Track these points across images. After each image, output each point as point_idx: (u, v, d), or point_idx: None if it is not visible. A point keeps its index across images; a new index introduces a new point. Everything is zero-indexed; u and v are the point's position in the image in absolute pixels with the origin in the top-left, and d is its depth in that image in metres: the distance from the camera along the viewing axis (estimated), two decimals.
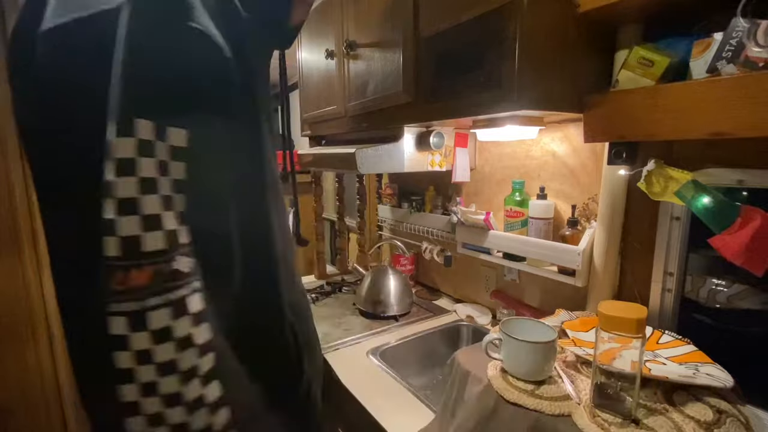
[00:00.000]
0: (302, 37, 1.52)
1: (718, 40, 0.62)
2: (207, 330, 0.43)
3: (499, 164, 1.25)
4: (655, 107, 0.67)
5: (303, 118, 1.57)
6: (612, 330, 0.58)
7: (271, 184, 0.57)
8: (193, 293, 0.42)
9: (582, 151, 1.01)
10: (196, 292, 0.42)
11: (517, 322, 0.74)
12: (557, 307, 0.96)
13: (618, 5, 0.67)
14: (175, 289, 0.40)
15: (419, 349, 1.22)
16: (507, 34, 0.72)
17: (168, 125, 0.40)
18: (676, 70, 0.69)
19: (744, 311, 0.82)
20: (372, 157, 1.09)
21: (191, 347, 0.41)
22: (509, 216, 1.12)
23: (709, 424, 0.57)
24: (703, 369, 0.68)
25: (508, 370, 0.70)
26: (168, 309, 0.39)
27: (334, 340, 1.18)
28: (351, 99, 1.22)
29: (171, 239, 0.40)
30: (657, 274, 0.88)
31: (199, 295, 0.43)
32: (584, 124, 0.79)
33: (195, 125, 0.42)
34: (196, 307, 0.42)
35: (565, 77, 0.76)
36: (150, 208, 0.39)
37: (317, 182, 1.84)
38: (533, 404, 0.63)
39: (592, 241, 0.94)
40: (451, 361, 0.82)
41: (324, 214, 1.90)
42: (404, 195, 1.64)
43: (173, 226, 0.40)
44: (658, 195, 0.76)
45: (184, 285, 0.41)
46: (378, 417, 0.85)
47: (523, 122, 0.91)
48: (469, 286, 1.44)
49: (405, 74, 0.98)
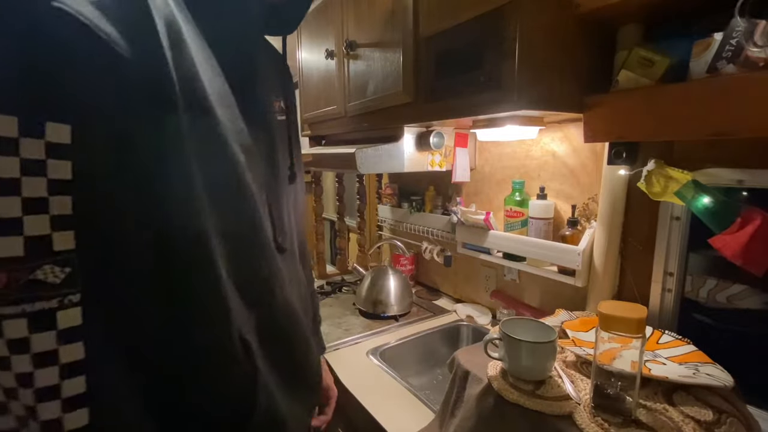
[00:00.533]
0: (302, 37, 1.52)
1: (718, 40, 0.62)
2: (79, 349, 0.38)
3: (499, 164, 1.25)
4: (655, 107, 0.67)
5: (303, 118, 1.57)
6: (612, 330, 0.58)
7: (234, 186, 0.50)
8: (64, 307, 0.38)
9: (582, 151, 1.01)
10: (71, 306, 0.38)
11: (517, 322, 0.74)
12: (557, 307, 0.96)
13: (618, 5, 0.67)
14: (34, 301, 0.36)
15: (419, 349, 1.22)
16: (507, 34, 0.72)
17: (46, 120, 0.35)
18: (676, 70, 0.69)
19: (744, 311, 0.82)
20: (372, 157, 1.09)
21: (53, 365, 0.37)
22: (509, 216, 1.12)
23: (709, 424, 0.57)
24: (703, 369, 0.68)
25: (508, 370, 0.70)
26: (24, 320, 0.36)
27: (334, 340, 1.18)
28: (351, 99, 1.22)
29: (33, 246, 0.36)
30: (657, 274, 0.88)
31: (75, 310, 0.38)
32: (584, 124, 0.79)
33: (86, 121, 0.37)
34: (68, 323, 0.38)
35: (565, 77, 0.76)
36: (4, 211, 0.35)
37: (317, 182, 1.84)
38: (533, 404, 0.63)
39: (592, 241, 0.94)
40: (451, 361, 0.82)
41: (324, 214, 1.90)
42: (404, 195, 1.64)
43: (40, 232, 0.36)
44: (658, 195, 0.76)
45: (50, 297, 0.37)
46: (378, 417, 0.85)
47: (523, 122, 0.91)
48: (469, 286, 1.44)
49: (405, 74, 0.98)
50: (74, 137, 0.37)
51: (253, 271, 0.55)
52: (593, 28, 0.77)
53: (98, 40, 0.37)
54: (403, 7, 0.95)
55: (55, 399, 0.37)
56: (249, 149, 0.53)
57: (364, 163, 1.08)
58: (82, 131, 0.37)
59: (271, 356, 0.57)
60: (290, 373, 0.61)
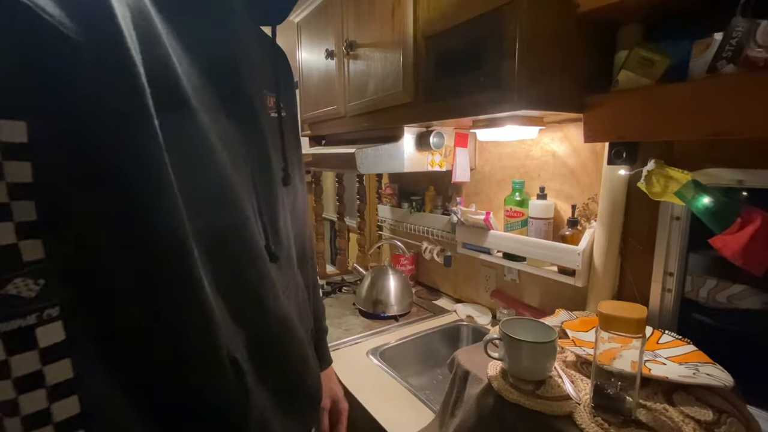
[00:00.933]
0: (302, 37, 1.52)
1: (718, 40, 0.62)
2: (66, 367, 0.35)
3: (499, 164, 1.25)
4: (655, 107, 0.67)
5: (303, 118, 1.57)
6: (612, 330, 0.58)
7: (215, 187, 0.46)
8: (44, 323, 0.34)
9: (582, 151, 1.01)
10: (51, 321, 0.34)
11: (517, 322, 0.73)
12: (557, 307, 0.96)
13: (618, 5, 0.67)
14: (9, 319, 0.32)
15: (419, 349, 1.22)
16: (507, 34, 0.72)
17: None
18: (677, 70, 0.69)
19: (744, 311, 0.82)
20: (372, 157, 1.09)
21: (39, 388, 0.34)
22: (509, 216, 1.12)
23: (709, 424, 0.57)
24: (703, 369, 0.68)
25: (508, 370, 0.70)
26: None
27: (334, 340, 1.18)
28: (351, 99, 1.22)
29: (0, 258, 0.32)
30: (657, 274, 0.88)
31: (56, 324, 0.35)
32: (584, 124, 0.79)
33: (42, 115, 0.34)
34: (50, 339, 0.34)
35: (565, 77, 0.76)
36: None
37: (317, 182, 1.84)
38: (533, 404, 0.63)
39: (592, 241, 0.94)
40: (451, 361, 0.82)
41: (324, 214, 1.90)
42: (404, 195, 1.64)
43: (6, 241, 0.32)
44: (658, 195, 0.76)
45: (27, 313, 0.33)
46: (378, 417, 0.85)
47: (523, 122, 0.91)
48: (469, 286, 1.44)
49: (405, 74, 0.98)
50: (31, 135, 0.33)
51: (239, 281, 0.50)
52: (593, 28, 0.77)
53: (43, 23, 0.33)
54: (403, 7, 0.95)
55: (47, 425, 0.34)
56: (234, 148, 0.49)
57: (364, 163, 1.08)
58: (38, 127, 0.33)
59: (264, 374, 0.53)
60: (286, 392, 0.58)
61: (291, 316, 0.60)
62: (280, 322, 0.57)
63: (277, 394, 0.55)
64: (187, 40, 0.45)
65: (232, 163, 0.48)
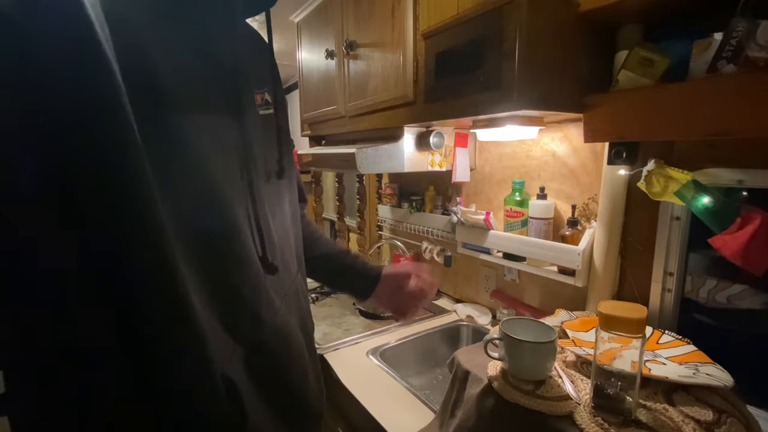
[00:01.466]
0: (302, 37, 1.52)
1: (718, 40, 0.62)
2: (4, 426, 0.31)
3: (499, 164, 1.25)
4: (655, 107, 0.67)
5: (303, 118, 1.57)
6: (612, 330, 0.58)
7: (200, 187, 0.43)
8: None
9: (582, 151, 1.01)
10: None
11: (517, 322, 0.73)
12: (557, 307, 0.96)
13: (618, 5, 0.67)
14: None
15: (419, 349, 1.22)
16: (507, 33, 0.72)
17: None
18: (676, 70, 0.69)
19: (744, 311, 0.82)
20: (372, 157, 1.09)
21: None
22: (509, 216, 1.12)
23: (709, 424, 0.57)
24: (703, 369, 0.68)
25: (508, 370, 0.70)
26: None
27: (334, 340, 1.18)
28: (351, 99, 1.22)
29: None
30: (657, 274, 0.88)
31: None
32: (584, 124, 0.79)
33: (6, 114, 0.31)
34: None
35: (565, 77, 0.76)
36: None
37: (317, 182, 1.84)
38: (533, 404, 0.63)
39: (592, 241, 0.94)
40: (451, 361, 0.82)
41: (324, 214, 1.90)
42: (404, 195, 1.64)
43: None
44: (658, 195, 0.76)
45: None
46: (378, 417, 0.85)
47: (523, 122, 0.91)
48: (469, 286, 1.44)
49: (405, 74, 0.98)
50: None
51: (230, 291, 0.46)
52: (593, 28, 0.77)
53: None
54: (403, 7, 0.95)
55: None
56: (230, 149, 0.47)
57: (364, 163, 1.08)
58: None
59: (263, 390, 0.50)
60: (285, 407, 0.55)
61: (291, 327, 0.58)
62: (278, 335, 0.54)
63: (277, 409, 0.53)
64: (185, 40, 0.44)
65: (225, 166, 0.46)
